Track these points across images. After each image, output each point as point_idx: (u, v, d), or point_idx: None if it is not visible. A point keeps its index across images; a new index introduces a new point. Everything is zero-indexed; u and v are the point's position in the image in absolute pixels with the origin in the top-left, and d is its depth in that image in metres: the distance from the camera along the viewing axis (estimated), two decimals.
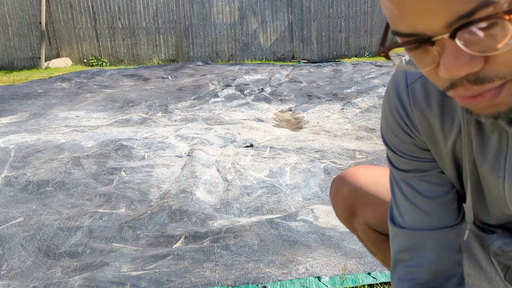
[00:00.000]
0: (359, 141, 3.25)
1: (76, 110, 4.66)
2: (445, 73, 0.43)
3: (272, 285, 1.48)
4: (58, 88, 6.13)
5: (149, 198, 2.30)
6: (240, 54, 10.03)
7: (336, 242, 1.76)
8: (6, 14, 9.32)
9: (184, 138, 3.36)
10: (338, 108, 4.46)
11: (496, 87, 0.44)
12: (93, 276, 1.56)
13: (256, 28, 9.97)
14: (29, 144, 3.28)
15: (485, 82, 0.43)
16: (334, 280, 1.51)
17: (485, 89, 0.44)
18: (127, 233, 1.91)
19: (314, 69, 7.46)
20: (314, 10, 9.99)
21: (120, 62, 9.74)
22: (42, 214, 2.11)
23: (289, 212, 2.05)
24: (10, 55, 9.50)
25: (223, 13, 9.81)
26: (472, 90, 0.44)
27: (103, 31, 9.61)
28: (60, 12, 9.43)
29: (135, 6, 9.56)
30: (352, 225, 0.94)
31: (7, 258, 1.73)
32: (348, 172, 0.93)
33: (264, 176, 2.55)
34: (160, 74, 7.19)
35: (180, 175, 2.58)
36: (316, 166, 2.64)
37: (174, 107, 4.66)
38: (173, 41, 9.79)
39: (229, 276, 1.54)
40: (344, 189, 0.91)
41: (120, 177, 2.59)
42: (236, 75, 6.61)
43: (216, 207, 2.16)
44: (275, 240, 1.78)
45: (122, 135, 3.47)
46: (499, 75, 0.43)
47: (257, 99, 4.98)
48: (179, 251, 1.73)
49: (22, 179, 2.57)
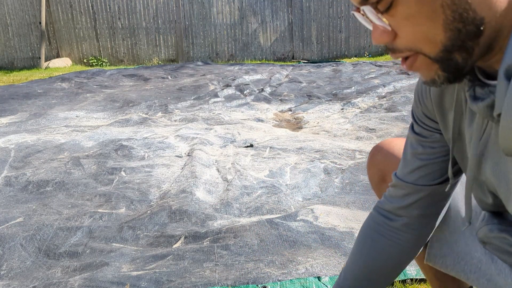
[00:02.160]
0: (359, 141, 3.25)
1: (76, 110, 4.66)
2: (372, 40, 0.58)
3: (272, 285, 1.48)
4: (58, 88, 6.13)
5: (149, 198, 2.30)
6: (240, 54, 10.03)
7: (336, 242, 1.76)
8: (6, 14, 9.32)
9: (184, 138, 3.36)
10: (338, 108, 4.46)
11: (412, 56, 0.56)
12: (93, 276, 1.56)
13: (256, 28, 9.97)
14: (29, 144, 3.28)
15: (397, 52, 0.57)
16: (334, 280, 1.51)
17: (400, 56, 0.57)
18: (127, 233, 1.91)
19: (314, 69, 7.46)
20: (314, 10, 10.00)
21: (120, 62, 9.75)
22: (42, 214, 2.11)
23: (289, 212, 2.05)
24: (10, 55, 9.50)
25: (223, 13, 9.81)
26: (393, 56, 0.58)
27: (103, 31, 9.61)
28: (60, 12, 9.43)
29: (135, 6, 9.56)
30: (380, 191, 1.01)
31: (7, 258, 1.73)
32: (386, 141, 1.01)
33: (264, 176, 2.55)
34: (160, 74, 7.19)
35: (180, 175, 2.58)
36: (316, 166, 2.64)
37: (174, 107, 4.66)
38: (173, 41, 9.79)
39: (229, 276, 1.54)
40: (379, 156, 0.98)
41: (120, 177, 2.59)
42: (236, 75, 6.61)
43: (216, 207, 2.16)
44: (275, 240, 1.78)
45: (122, 135, 3.47)
46: (407, 48, 0.55)
47: (257, 99, 4.98)
48: (179, 251, 1.73)
49: (22, 179, 2.57)
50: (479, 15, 0.51)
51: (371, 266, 0.89)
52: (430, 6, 0.51)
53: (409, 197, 0.84)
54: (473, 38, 0.52)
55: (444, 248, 0.90)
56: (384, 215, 0.88)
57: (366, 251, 0.90)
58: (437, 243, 0.91)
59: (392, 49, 0.57)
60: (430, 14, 0.51)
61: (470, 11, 0.50)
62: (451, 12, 0.50)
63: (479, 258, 0.84)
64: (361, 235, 0.92)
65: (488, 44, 0.54)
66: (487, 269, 0.83)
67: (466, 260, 0.86)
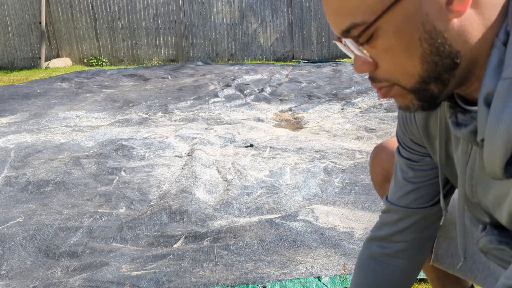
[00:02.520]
0: (359, 141, 3.25)
1: (76, 110, 4.66)
2: (354, 69, 0.60)
3: (272, 285, 1.48)
4: (58, 88, 6.13)
5: (149, 198, 2.30)
6: (240, 54, 10.03)
7: (336, 242, 1.76)
8: (6, 14, 9.32)
9: (184, 138, 3.36)
10: (338, 108, 4.46)
11: (387, 86, 0.59)
12: (93, 276, 1.56)
13: (256, 28, 9.97)
14: (29, 144, 3.28)
15: (377, 81, 0.59)
16: (334, 280, 1.51)
17: (379, 86, 0.60)
18: (127, 233, 1.91)
19: (314, 69, 7.46)
20: (314, 10, 9.99)
21: (120, 62, 9.75)
22: (42, 214, 2.11)
23: (289, 212, 2.05)
24: (10, 55, 9.50)
25: (223, 13, 9.81)
26: (373, 85, 0.60)
27: (103, 31, 9.61)
28: (60, 12, 9.43)
29: (135, 6, 9.56)
30: (383, 190, 1.01)
31: (7, 258, 1.73)
32: (389, 140, 1.01)
33: (264, 176, 2.55)
34: (160, 74, 7.19)
35: (180, 175, 2.58)
36: (316, 166, 2.64)
37: (174, 107, 4.66)
38: (173, 41, 9.79)
39: (229, 276, 1.54)
40: (382, 155, 0.99)
41: (120, 177, 2.59)
42: (236, 75, 6.61)
43: (216, 207, 2.16)
44: (275, 240, 1.78)
45: (122, 135, 3.47)
46: (385, 79, 0.58)
47: (257, 99, 4.98)
48: (179, 251, 1.73)
49: (22, 179, 2.57)
50: (455, 48, 0.53)
51: None
52: (409, 40, 0.53)
53: (403, 222, 0.83)
54: (449, 71, 0.54)
55: (452, 248, 0.90)
56: (379, 244, 0.88)
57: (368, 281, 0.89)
58: (444, 243, 0.91)
59: (373, 78, 0.59)
60: (408, 47, 0.53)
61: (447, 45, 0.52)
62: (428, 46, 0.52)
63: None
64: (359, 267, 0.91)
65: (464, 75, 0.56)
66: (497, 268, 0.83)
67: (474, 259, 0.86)
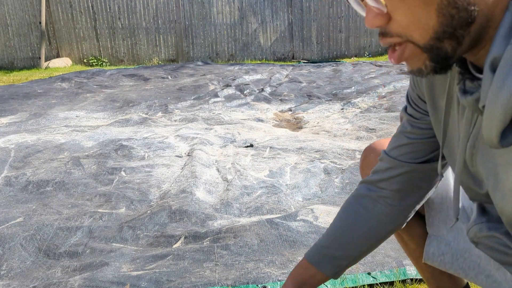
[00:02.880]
0: (359, 141, 3.25)
1: (76, 110, 4.66)
2: (365, 23, 0.58)
3: (272, 285, 1.48)
4: (58, 88, 6.13)
5: (149, 198, 2.30)
6: (240, 54, 10.03)
7: None
8: (6, 14, 9.32)
9: (184, 138, 3.36)
10: (338, 108, 4.46)
11: (400, 45, 0.57)
12: (93, 276, 1.56)
13: (256, 28, 9.97)
14: (29, 144, 3.28)
15: (388, 36, 0.57)
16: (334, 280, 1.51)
17: (390, 42, 0.58)
18: (127, 233, 1.91)
19: (314, 69, 7.46)
20: (314, 10, 10.00)
21: (120, 62, 9.75)
22: (42, 214, 2.11)
23: (289, 212, 2.05)
24: (10, 55, 9.50)
25: (223, 13, 9.81)
26: (383, 41, 0.58)
27: (103, 31, 9.61)
28: (60, 12, 9.43)
29: (135, 6, 9.56)
30: None
31: (7, 258, 1.73)
32: (378, 142, 1.03)
33: (264, 176, 2.55)
34: (160, 74, 7.19)
35: (180, 175, 2.58)
36: (316, 166, 2.64)
37: (174, 107, 4.66)
38: (173, 41, 9.79)
39: (229, 276, 1.54)
40: (371, 156, 1.00)
41: (120, 177, 2.59)
42: (236, 75, 6.62)
43: (216, 207, 2.16)
44: (275, 240, 1.78)
45: (122, 135, 3.47)
46: (397, 33, 0.56)
47: (257, 99, 4.98)
48: (179, 251, 1.73)
49: (22, 179, 2.57)
50: (472, 2, 0.51)
51: (346, 231, 0.93)
52: None
53: (391, 171, 0.88)
54: (464, 26, 0.52)
55: (443, 246, 0.91)
56: (366, 187, 0.93)
57: (345, 216, 0.94)
58: (435, 241, 0.92)
59: (384, 33, 0.58)
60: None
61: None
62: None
63: (478, 254, 0.85)
64: (346, 203, 0.97)
65: (478, 34, 0.54)
66: (486, 265, 0.83)
67: (465, 257, 0.87)
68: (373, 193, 0.91)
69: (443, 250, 0.91)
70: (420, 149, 0.84)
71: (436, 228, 0.92)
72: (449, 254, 0.89)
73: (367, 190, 0.92)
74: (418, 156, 0.85)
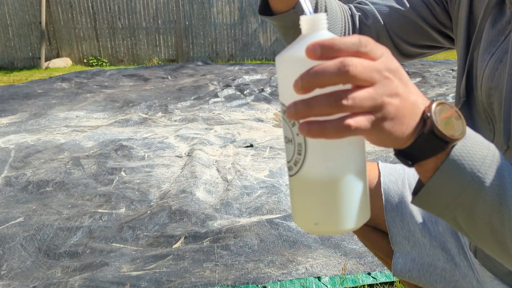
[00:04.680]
0: None
1: (76, 110, 4.66)
2: None
3: (272, 285, 1.48)
4: (58, 88, 6.13)
5: (149, 198, 2.30)
6: (240, 54, 10.03)
7: (336, 242, 1.76)
8: (6, 14, 9.32)
9: (184, 138, 3.36)
10: None
11: None
12: (93, 276, 1.56)
13: (256, 28, 9.97)
14: (29, 144, 3.28)
15: None
16: (334, 280, 1.51)
17: None
18: (127, 233, 1.91)
19: None
20: None
21: (120, 62, 9.75)
22: (42, 214, 2.11)
23: (289, 212, 2.05)
24: (10, 55, 9.50)
25: (223, 13, 9.81)
26: None
27: (103, 31, 9.61)
28: (60, 12, 9.43)
29: (135, 6, 9.56)
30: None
31: (7, 258, 1.73)
32: None
33: (264, 176, 2.55)
34: (160, 74, 7.19)
35: (180, 175, 2.58)
36: None
37: (174, 107, 4.66)
38: (173, 41, 9.79)
39: (229, 276, 1.54)
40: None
41: (120, 177, 2.59)
42: (236, 75, 6.61)
43: (216, 207, 2.16)
44: (275, 240, 1.78)
45: (122, 135, 3.47)
46: None
47: (257, 99, 4.98)
48: (179, 251, 1.73)
49: (22, 179, 2.58)
50: None
51: None
52: None
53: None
54: None
55: (408, 262, 0.91)
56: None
57: None
58: (401, 258, 0.91)
59: None
60: None
61: None
62: None
63: (442, 267, 0.86)
64: None
65: None
66: (452, 276, 0.85)
67: (431, 271, 0.87)
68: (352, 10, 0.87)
69: (409, 267, 0.90)
70: (396, 17, 0.81)
71: (400, 245, 0.91)
72: (416, 270, 0.89)
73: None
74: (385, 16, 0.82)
